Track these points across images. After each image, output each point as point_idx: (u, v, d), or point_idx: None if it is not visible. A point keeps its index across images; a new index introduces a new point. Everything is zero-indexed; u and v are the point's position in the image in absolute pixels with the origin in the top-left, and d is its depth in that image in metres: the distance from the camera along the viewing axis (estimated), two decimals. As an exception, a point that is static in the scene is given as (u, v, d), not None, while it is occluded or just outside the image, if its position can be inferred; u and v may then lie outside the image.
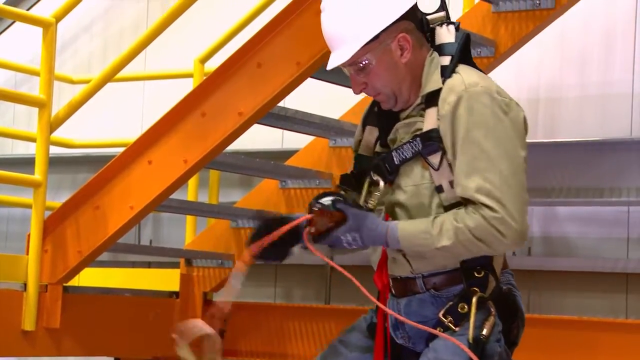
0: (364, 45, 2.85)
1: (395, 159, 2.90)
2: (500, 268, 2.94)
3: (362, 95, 5.40)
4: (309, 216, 2.88)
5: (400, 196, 2.91)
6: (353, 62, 2.88)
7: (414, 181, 2.88)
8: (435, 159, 2.85)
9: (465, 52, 2.93)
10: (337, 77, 4.95)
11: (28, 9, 7.20)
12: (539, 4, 4.76)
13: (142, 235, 6.82)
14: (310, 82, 4.68)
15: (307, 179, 5.27)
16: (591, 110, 5.59)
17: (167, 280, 5.56)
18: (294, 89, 4.46)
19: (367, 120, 3.05)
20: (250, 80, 4.41)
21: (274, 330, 5.38)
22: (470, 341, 2.82)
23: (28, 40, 7.08)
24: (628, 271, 5.41)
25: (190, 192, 5.77)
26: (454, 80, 2.86)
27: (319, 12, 2.91)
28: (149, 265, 6.60)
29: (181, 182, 4.62)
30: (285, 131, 6.02)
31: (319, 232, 2.86)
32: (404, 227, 2.84)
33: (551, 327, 4.77)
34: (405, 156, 2.88)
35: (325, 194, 2.89)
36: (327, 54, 4.30)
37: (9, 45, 7.45)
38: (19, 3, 7.24)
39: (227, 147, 4.61)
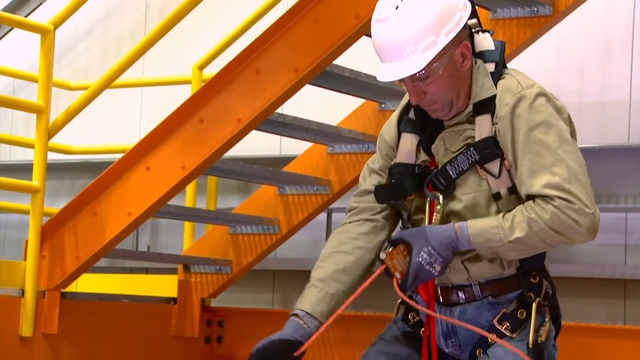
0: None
1: (451, 172, 2.86)
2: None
3: (361, 101, 5.43)
4: (382, 267, 2.85)
5: (456, 205, 2.87)
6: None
7: (471, 190, 2.86)
8: (494, 166, 2.83)
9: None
10: (334, 83, 4.96)
11: (26, 16, 7.20)
12: (537, 11, 4.77)
13: (140, 241, 6.82)
14: (308, 88, 4.68)
15: (305, 185, 5.27)
16: (589, 117, 5.60)
17: (165, 286, 5.55)
18: (292, 95, 4.46)
19: (401, 127, 3.00)
20: (249, 87, 4.42)
21: (272, 336, 5.37)
22: (530, 346, 2.83)
23: (26, 46, 7.09)
24: (626, 277, 5.42)
25: (188, 198, 5.77)
26: (509, 82, 2.86)
27: (317, 19, 2.87)
28: (146, 271, 6.60)
29: (179, 188, 4.62)
30: (283, 137, 6.03)
31: (403, 273, 2.82)
32: (473, 225, 2.80)
33: (549, 334, 4.77)
34: (462, 168, 2.85)
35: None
36: (325, 60, 4.35)
37: (8, 52, 7.45)
38: (17, 10, 7.24)
39: (225, 153, 4.61)
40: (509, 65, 5.04)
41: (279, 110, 4.78)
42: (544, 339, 2.87)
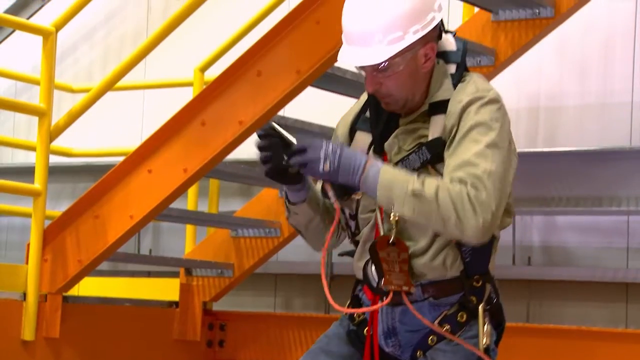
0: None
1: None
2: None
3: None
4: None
5: None
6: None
7: None
8: (444, 167, 2.83)
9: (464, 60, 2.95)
10: (337, 85, 4.96)
11: (28, 18, 7.20)
12: (539, 13, 4.77)
13: (141, 245, 6.82)
14: (309, 90, 4.68)
15: (307, 188, 5.26)
16: (591, 119, 5.60)
17: (166, 289, 5.55)
18: (293, 97, 4.46)
19: (356, 126, 3.02)
20: (250, 89, 4.42)
21: (274, 339, 5.37)
22: (482, 349, 2.84)
23: (28, 49, 7.09)
24: (628, 280, 5.41)
25: (190, 201, 5.76)
26: (468, 86, 2.87)
27: (319, 21, 2.87)
28: (148, 274, 6.60)
29: (181, 191, 4.62)
30: (285, 140, 6.01)
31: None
32: (388, 166, 2.80)
33: (551, 337, 4.77)
34: (414, 167, 2.84)
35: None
36: (327, 62, 4.35)
37: (10, 54, 7.45)
38: (19, 12, 7.25)
39: (227, 156, 4.61)
40: (512, 66, 5.07)
41: (280, 113, 4.78)
42: (488, 343, 2.86)
